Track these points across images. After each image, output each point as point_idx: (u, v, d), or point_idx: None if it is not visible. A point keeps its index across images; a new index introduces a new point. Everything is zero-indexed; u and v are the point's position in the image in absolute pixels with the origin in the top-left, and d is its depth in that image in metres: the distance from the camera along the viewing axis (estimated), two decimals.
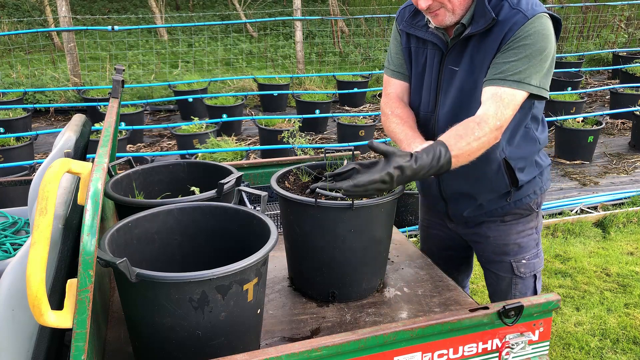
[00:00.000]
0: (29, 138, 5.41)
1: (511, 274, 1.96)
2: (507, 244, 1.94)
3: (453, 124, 1.71)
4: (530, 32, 1.62)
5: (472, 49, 1.72)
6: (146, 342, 1.40)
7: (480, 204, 1.88)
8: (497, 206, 1.88)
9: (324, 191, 1.69)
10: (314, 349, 1.27)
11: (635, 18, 10.82)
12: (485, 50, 1.69)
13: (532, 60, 1.63)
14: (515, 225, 1.92)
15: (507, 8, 1.65)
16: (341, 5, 11.78)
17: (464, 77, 1.74)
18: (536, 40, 1.62)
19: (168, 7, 12.90)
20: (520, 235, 1.93)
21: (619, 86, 7.15)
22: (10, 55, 9.21)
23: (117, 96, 2.00)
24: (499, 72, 1.65)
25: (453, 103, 1.78)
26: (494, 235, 1.94)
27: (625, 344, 2.91)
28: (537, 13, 1.63)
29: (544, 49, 1.64)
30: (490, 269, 2.02)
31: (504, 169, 1.80)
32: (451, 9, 1.67)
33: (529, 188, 1.88)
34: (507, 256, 1.95)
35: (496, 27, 1.66)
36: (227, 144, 4.93)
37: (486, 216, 1.92)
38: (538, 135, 1.84)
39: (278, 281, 1.97)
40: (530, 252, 1.95)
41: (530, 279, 1.97)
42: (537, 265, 1.98)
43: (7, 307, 1.30)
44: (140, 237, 1.57)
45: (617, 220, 4.30)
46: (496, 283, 2.02)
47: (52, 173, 1.14)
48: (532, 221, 1.94)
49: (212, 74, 8.97)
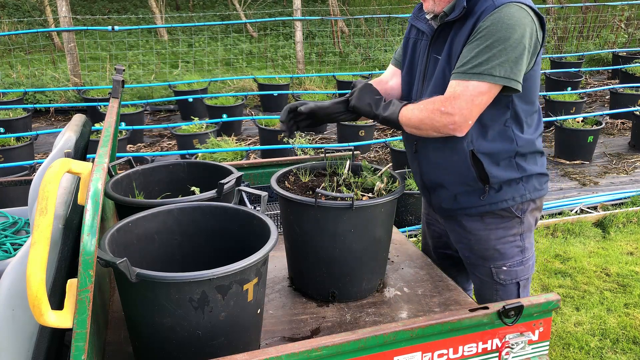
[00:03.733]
0: (29, 138, 5.41)
1: (491, 278, 1.92)
2: (487, 248, 1.89)
3: None
4: (493, 21, 1.61)
5: (452, 37, 1.74)
6: (146, 342, 1.40)
7: (454, 195, 1.86)
8: (472, 203, 1.84)
9: (324, 191, 1.70)
10: (314, 349, 1.28)
11: (635, 18, 10.82)
12: (459, 38, 1.71)
13: (492, 50, 1.61)
14: (495, 231, 1.87)
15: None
16: (341, 5, 11.78)
17: (443, 65, 1.77)
18: (498, 29, 1.60)
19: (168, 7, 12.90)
20: (501, 242, 1.88)
21: (618, 86, 7.15)
22: (11, 55, 9.21)
23: (117, 96, 2.00)
24: (462, 64, 1.66)
25: (432, 91, 1.80)
26: (474, 237, 1.90)
27: (625, 344, 2.91)
28: (506, 2, 1.62)
29: (507, 38, 1.60)
30: (474, 272, 1.99)
31: (470, 161, 1.77)
32: None
33: (508, 192, 1.82)
34: (487, 261, 1.91)
35: (470, 15, 1.68)
36: (227, 144, 4.93)
37: (463, 211, 1.88)
38: (518, 135, 1.79)
39: (278, 281, 1.97)
40: (513, 259, 1.90)
41: (512, 286, 1.92)
42: (521, 273, 1.92)
43: (7, 307, 1.30)
44: (140, 237, 1.57)
45: (617, 220, 4.30)
46: (480, 287, 1.99)
47: (53, 173, 1.14)
48: (515, 228, 1.87)
49: (212, 74, 8.97)
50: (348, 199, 1.69)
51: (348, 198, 1.69)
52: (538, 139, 1.87)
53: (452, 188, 1.86)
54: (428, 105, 1.70)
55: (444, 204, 1.90)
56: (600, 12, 10.58)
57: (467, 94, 1.64)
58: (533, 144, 1.84)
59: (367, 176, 1.91)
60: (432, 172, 1.88)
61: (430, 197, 1.97)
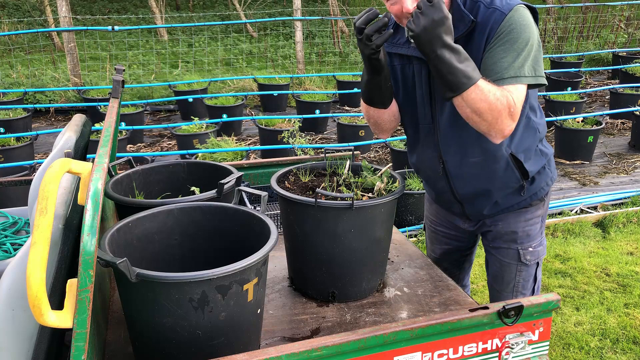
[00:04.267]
0: (29, 138, 5.42)
1: (517, 261, 1.97)
2: (515, 231, 1.95)
3: (454, 127, 1.77)
4: (512, 26, 1.61)
5: None
6: (146, 342, 1.40)
7: (496, 201, 1.90)
8: (514, 202, 1.90)
9: (324, 191, 1.70)
10: (314, 349, 1.28)
11: (635, 18, 10.82)
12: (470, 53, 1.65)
13: (521, 52, 1.62)
14: (524, 214, 1.94)
15: (483, 9, 1.65)
16: (341, 5, 11.78)
17: None
18: (520, 32, 1.61)
19: (168, 7, 12.91)
20: (529, 224, 1.95)
21: (618, 86, 7.15)
22: (11, 56, 9.21)
23: (117, 96, 2.00)
24: (494, 73, 1.63)
25: (450, 109, 1.76)
26: (503, 223, 1.96)
27: (625, 344, 2.91)
28: (513, 6, 1.63)
29: (528, 38, 1.62)
30: (496, 254, 2.02)
31: (513, 164, 1.82)
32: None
33: (541, 180, 1.91)
34: (515, 244, 1.96)
35: (477, 29, 1.66)
36: (227, 144, 4.93)
37: (505, 211, 1.93)
38: (537, 122, 1.85)
39: (278, 281, 1.97)
40: (536, 239, 1.97)
41: (533, 267, 1.99)
42: (541, 253, 2.00)
43: (7, 307, 1.30)
44: (140, 237, 1.57)
45: (617, 220, 4.30)
46: (499, 269, 2.02)
47: (53, 173, 1.14)
48: (540, 209, 1.96)
49: (212, 74, 8.97)
50: (348, 199, 1.69)
51: (348, 198, 1.69)
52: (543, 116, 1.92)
53: (495, 194, 1.88)
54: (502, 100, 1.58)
55: (486, 211, 1.93)
56: (600, 12, 10.58)
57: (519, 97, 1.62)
58: (545, 126, 1.90)
59: (367, 176, 1.91)
60: (469, 185, 1.87)
61: (463, 208, 1.97)
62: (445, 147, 1.84)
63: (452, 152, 1.83)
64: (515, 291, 2.00)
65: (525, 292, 2.01)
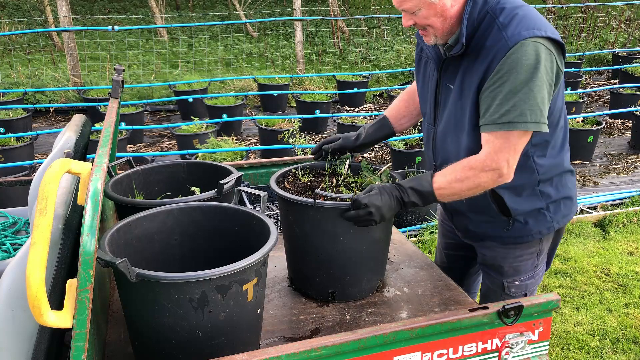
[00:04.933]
0: (29, 138, 5.42)
1: (501, 290, 1.92)
2: (502, 266, 1.88)
3: (444, 143, 1.79)
4: (511, 64, 1.53)
5: (465, 69, 1.66)
6: (146, 342, 1.40)
7: (478, 223, 1.85)
8: (496, 233, 1.83)
9: (324, 192, 1.70)
10: (314, 349, 1.28)
11: (635, 18, 10.82)
12: (472, 74, 1.64)
13: (517, 94, 1.53)
14: (512, 250, 1.85)
15: (495, 31, 1.58)
16: (341, 5, 11.78)
17: (456, 98, 1.71)
18: (518, 72, 1.52)
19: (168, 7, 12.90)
20: (518, 260, 1.87)
21: (618, 86, 7.15)
22: (11, 55, 9.21)
23: (117, 96, 2.00)
24: (489, 114, 1.59)
25: (445, 122, 1.76)
26: (490, 255, 1.90)
27: (625, 344, 2.91)
28: (521, 39, 1.52)
29: (529, 80, 1.53)
30: (485, 278, 2.01)
31: (490, 198, 1.75)
32: (434, 32, 1.66)
33: (534, 226, 1.78)
34: (501, 276, 1.90)
35: (483, 51, 1.60)
36: (227, 144, 4.93)
37: (487, 237, 1.87)
38: (539, 163, 1.72)
39: (278, 281, 1.97)
40: (526, 274, 1.89)
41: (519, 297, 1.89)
42: (531, 286, 1.92)
43: (7, 307, 1.30)
44: (140, 237, 1.57)
45: (617, 220, 4.30)
46: (486, 290, 2.00)
47: (52, 173, 1.14)
48: (533, 247, 1.85)
49: (212, 74, 8.97)
50: (347, 199, 1.69)
51: (347, 198, 1.69)
52: (565, 156, 1.79)
53: (474, 217, 1.85)
54: (466, 172, 1.62)
55: (469, 227, 1.89)
56: (600, 12, 10.58)
57: (509, 145, 1.58)
58: (559, 165, 1.77)
59: (366, 176, 1.91)
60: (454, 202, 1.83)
61: (453, 219, 1.97)
62: (436, 153, 1.85)
63: (440, 161, 1.83)
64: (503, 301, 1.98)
65: None
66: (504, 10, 1.59)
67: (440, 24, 1.62)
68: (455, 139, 1.73)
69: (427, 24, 1.63)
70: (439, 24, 1.62)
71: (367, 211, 1.63)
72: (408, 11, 1.62)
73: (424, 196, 1.68)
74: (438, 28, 1.63)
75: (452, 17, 1.62)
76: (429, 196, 1.68)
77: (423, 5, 1.58)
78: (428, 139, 1.89)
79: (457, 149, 1.73)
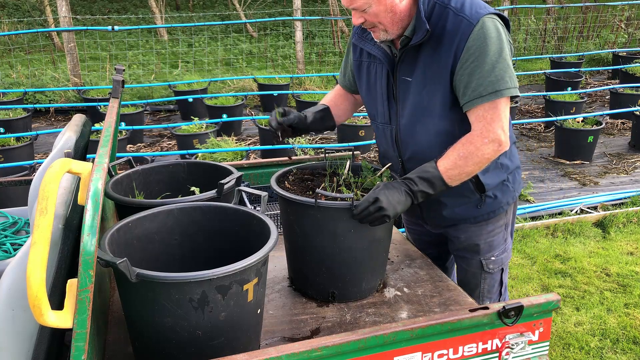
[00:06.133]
0: (29, 138, 5.41)
1: (480, 269, 1.99)
2: (477, 244, 1.96)
3: (412, 134, 1.81)
4: (482, 40, 1.62)
5: (425, 59, 1.72)
6: (146, 342, 1.40)
7: (451, 209, 1.89)
8: (470, 214, 1.89)
9: (324, 191, 1.70)
10: (314, 349, 1.28)
11: (635, 18, 10.82)
12: (439, 61, 1.69)
13: (496, 65, 1.63)
14: (485, 226, 1.93)
15: (452, 16, 1.66)
16: (341, 5, 11.77)
17: (419, 88, 1.75)
18: (490, 45, 1.62)
19: (168, 7, 12.91)
20: (490, 235, 1.95)
21: (619, 86, 7.15)
22: (11, 55, 9.21)
23: (117, 96, 2.00)
24: (472, 90, 1.65)
25: (410, 114, 1.79)
26: (465, 235, 1.96)
27: (625, 344, 2.91)
28: (481, 17, 1.63)
29: (501, 50, 1.63)
30: (461, 262, 2.06)
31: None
32: (384, 28, 1.69)
33: (502, 199, 1.89)
34: (478, 255, 1.98)
35: (445, 36, 1.66)
36: (227, 144, 4.92)
37: (460, 222, 1.93)
38: None
39: (278, 281, 1.97)
40: (499, 248, 1.98)
41: (498, 273, 2.01)
42: (505, 260, 2.01)
43: (7, 307, 1.30)
44: (141, 237, 1.57)
45: (617, 220, 4.30)
46: (465, 275, 2.06)
47: (53, 173, 1.14)
48: (501, 220, 1.95)
49: (212, 74, 8.97)
50: (348, 199, 1.69)
51: (348, 198, 1.69)
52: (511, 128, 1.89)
53: (449, 202, 1.88)
54: (468, 147, 1.67)
55: (443, 213, 1.92)
56: (600, 12, 10.58)
57: (499, 114, 1.66)
58: (511, 136, 1.86)
59: (367, 176, 1.91)
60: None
61: (422, 211, 1.99)
62: (403, 149, 1.87)
63: (409, 155, 1.86)
64: (482, 296, 2.03)
65: (491, 296, 2.04)
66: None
67: (390, 19, 1.67)
68: (425, 127, 1.78)
69: (378, 21, 1.68)
70: (388, 20, 1.67)
71: (377, 207, 1.62)
72: (358, 9, 1.66)
73: (432, 182, 1.69)
74: (388, 23, 1.68)
75: (401, 12, 1.67)
76: (437, 181, 1.69)
77: (374, 3, 1.63)
78: (385, 137, 1.92)
79: (428, 135, 1.78)
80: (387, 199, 1.64)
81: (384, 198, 1.63)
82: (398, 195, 1.66)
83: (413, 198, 1.69)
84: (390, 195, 1.64)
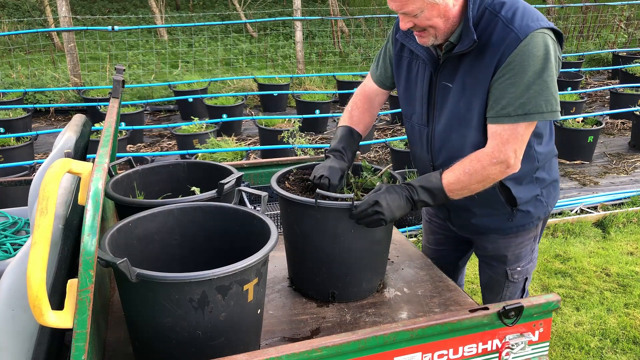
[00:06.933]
0: (29, 138, 5.41)
1: (505, 278, 1.97)
2: (505, 255, 1.94)
3: (447, 141, 1.77)
4: (523, 56, 1.54)
5: (465, 67, 1.66)
6: (146, 342, 1.40)
7: (480, 218, 1.87)
8: (499, 225, 1.86)
9: (324, 192, 1.70)
10: (314, 349, 1.28)
11: (635, 18, 10.82)
12: (478, 71, 1.63)
13: (532, 86, 1.56)
14: (514, 239, 1.90)
15: (500, 26, 1.58)
16: (341, 5, 11.78)
17: (457, 96, 1.70)
18: (531, 64, 1.54)
19: (168, 7, 12.90)
20: (519, 247, 1.92)
21: (619, 86, 7.15)
22: (11, 55, 9.21)
23: (117, 96, 2.00)
24: (501, 107, 1.60)
25: (447, 120, 1.75)
26: (492, 246, 1.94)
27: (625, 344, 2.91)
28: (531, 31, 1.54)
29: (542, 71, 1.55)
30: (486, 268, 2.04)
31: (499, 189, 1.77)
32: (434, 33, 1.64)
33: (534, 213, 1.84)
34: (504, 265, 1.96)
35: (490, 47, 1.59)
36: (227, 144, 4.92)
37: (489, 231, 1.90)
38: (537, 151, 1.77)
39: (278, 281, 1.97)
40: (526, 259, 1.96)
41: (521, 282, 1.99)
42: (530, 269, 1.99)
43: (7, 307, 1.30)
44: (141, 237, 1.57)
45: (617, 220, 4.30)
46: (489, 281, 2.04)
47: (53, 173, 1.14)
48: (532, 232, 1.92)
49: (212, 74, 8.97)
50: (348, 199, 1.69)
51: (348, 198, 1.69)
52: (553, 141, 1.85)
53: (478, 212, 1.86)
54: (474, 165, 1.64)
55: (472, 221, 1.89)
56: (600, 12, 10.58)
57: (516, 135, 1.61)
58: (551, 151, 1.84)
59: (367, 176, 1.91)
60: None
61: (450, 215, 1.97)
62: (436, 154, 1.83)
63: (441, 161, 1.81)
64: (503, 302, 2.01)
65: None
66: (503, 5, 1.60)
67: (443, 24, 1.61)
68: (460, 136, 1.73)
69: (429, 25, 1.61)
70: (441, 24, 1.61)
71: (375, 210, 1.62)
72: (410, 14, 1.59)
73: (434, 194, 1.68)
74: (440, 28, 1.62)
75: (454, 17, 1.61)
76: (439, 193, 1.68)
77: (426, 7, 1.57)
78: (421, 140, 1.87)
79: (463, 145, 1.73)
80: (387, 203, 1.63)
81: (384, 202, 1.63)
82: (399, 201, 1.66)
83: (413, 206, 1.69)
84: (390, 200, 1.64)
